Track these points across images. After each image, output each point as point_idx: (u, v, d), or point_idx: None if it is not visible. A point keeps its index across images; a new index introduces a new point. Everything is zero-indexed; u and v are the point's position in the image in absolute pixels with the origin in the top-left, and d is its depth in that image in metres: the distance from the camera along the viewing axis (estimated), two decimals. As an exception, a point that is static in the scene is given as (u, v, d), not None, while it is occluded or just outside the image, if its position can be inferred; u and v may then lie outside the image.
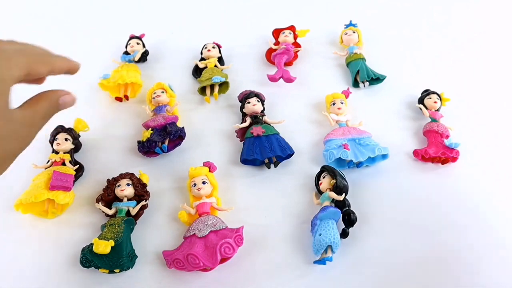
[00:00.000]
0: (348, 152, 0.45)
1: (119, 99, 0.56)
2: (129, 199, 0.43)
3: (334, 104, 0.52)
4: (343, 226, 0.40)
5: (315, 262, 0.38)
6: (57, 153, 0.47)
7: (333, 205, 0.41)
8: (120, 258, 0.38)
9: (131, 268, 0.38)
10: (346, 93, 0.53)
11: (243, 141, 0.49)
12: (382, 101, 0.55)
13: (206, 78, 0.56)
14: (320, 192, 0.43)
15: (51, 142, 0.48)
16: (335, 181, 0.41)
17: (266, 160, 0.47)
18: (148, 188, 0.44)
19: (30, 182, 0.44)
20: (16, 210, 0.42)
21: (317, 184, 0.44)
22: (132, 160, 0.49)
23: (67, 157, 0.46)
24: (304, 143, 0.50)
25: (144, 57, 0.61)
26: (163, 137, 0.48)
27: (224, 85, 0.57)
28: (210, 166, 0.45)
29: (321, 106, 0.54)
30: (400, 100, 0.54)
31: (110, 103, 0.55)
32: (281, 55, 0.58)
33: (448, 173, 0.46)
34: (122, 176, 0.44)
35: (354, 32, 0.61)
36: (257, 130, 0.48)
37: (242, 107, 0.52)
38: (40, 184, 0.42)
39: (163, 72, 0.61)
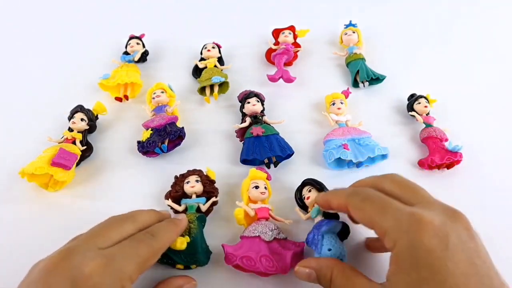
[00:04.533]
0: (347, 152, 0.45)
1: (119, 99, 0.56)
2: (197, 196, 0.43)
3: (334, 104, 0.52)
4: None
5: None
6: (71, 131, 0.48)
7: (323, 218, 0.40)
8: (196, 254, 0.38)
9: (207, 264, 0.38)
10: (346, 93, 0.53)
11: (243, 141, 0.49)
12: (382, 101, 0.55)
13: (206, 78, 0.56)
14: (303, 208, 0.42)
15: (69, 119, 0.50)
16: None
17: (266, 160, 0.47)
18: (147, 188, 0.44)
19: (40, 153, 0.46)
20: (21, 178, 0.43)
21: (299, 199, 0.43)
22: (132, 160, 0.49)
23: (79, 137, 0.48)
24: (304, 143, 0.50)
25: (144, 57, 0.61)
26: (163, 137, 0.48)
27: (224, 85, 0.57)
28: (268, 174, 0.44)
29: (321, 106, 0.54)
30: (400, 100, 0.54)
31: (110, 103, 0.55)
32: (281, 55, 0.58)
33: (448, 172, 0.46)
34: (190, 172, 0.44)
35: (354, 32, 0.61)
36: (256, 130, 0.48)
37: (242, 107, 0.52)
38: (44, 158, 0.44)
39: (163, 72, 0.61)
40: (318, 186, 0.41)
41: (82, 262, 0.26)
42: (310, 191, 0.42)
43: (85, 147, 0.48)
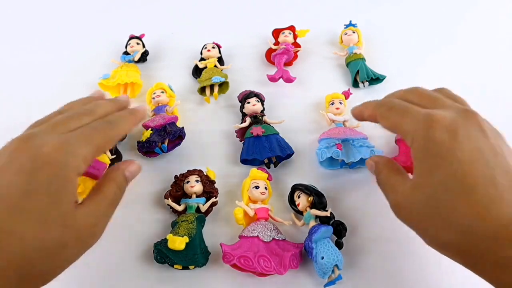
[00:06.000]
0: (340, 152, 0.45)
1: (119, 99, 0.56)
2: (197, 196, 0.43)
3: (332, 103, 0.52)
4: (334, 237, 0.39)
5: (325, 286, 0.37)
6: None
7: (318, 221, 0.40)
8: (194, 255, 0.38)
9: (205, 264, 0.38)
10: (346, 94, 0.53)
11: (243, 141, 0.49)
12: (382, 101, 0.55)
13: (206, 78, 0.56)
14: (298, 212, 0.42)
15: None
16: (312, 198, 0.41)
17: (266, 160, 0.47)
18: (147, 188, 0.44)
19: None
20: None
21: (292, 204, 0.43)
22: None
23: None
24: (304, 143, 0.50)
25: (144, 57, 0.61)
26: (162, 137, 0.48)
27: (224, 85, 0.57)
28: (269, 174, 0.44)
29: (321, 106, 0.54)
30: (400, 100, 0.54)
31: (110, 103, 0.55)
32: (281, 55, 0.58)
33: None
34: (190, 172, 0.44)
35: (354, 32, 0.61)
36: (256, 130, 0.48)
37: (241, 107, 0.52)
38: None
39: (163, 72, 0.61)
40: (307, 191, 0.41)
41: (41, 143, 0.29)
42: (299, 196, 0.42)
43: (114, 156, 0.46)
